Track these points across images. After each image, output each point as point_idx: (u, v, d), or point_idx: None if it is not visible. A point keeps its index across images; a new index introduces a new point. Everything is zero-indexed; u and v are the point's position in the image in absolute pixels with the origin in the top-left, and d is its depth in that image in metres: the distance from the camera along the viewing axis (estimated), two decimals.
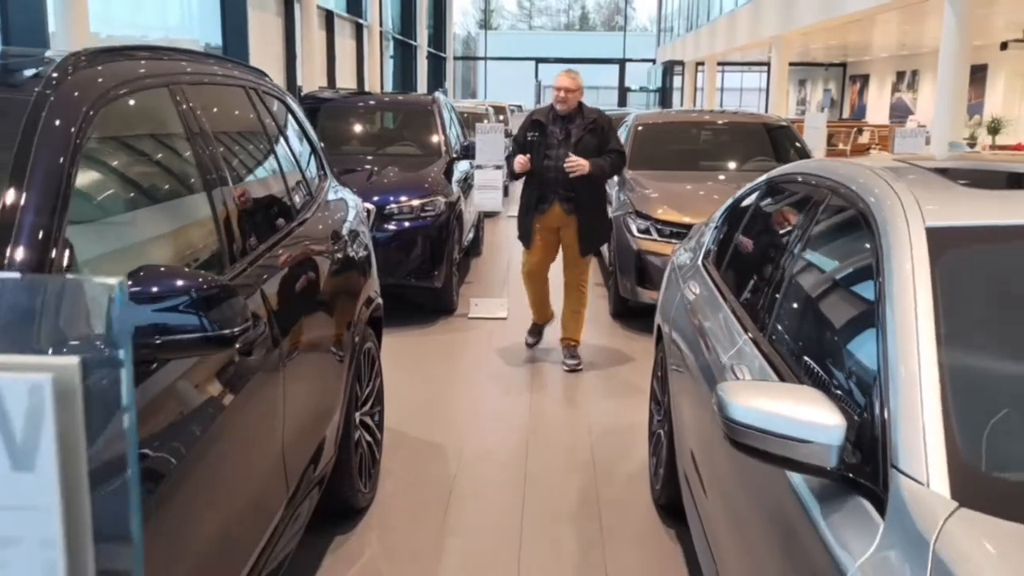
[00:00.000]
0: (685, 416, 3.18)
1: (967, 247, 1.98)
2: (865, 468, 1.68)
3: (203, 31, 13.57)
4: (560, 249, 5.81)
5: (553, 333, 6.02)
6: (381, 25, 23.03)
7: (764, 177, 3.38)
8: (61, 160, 1.87)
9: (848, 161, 2.80)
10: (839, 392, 1.94)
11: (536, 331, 6.14)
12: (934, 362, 1.71)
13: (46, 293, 0.66)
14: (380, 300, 4.06)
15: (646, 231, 6.72)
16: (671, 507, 3.67)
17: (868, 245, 2.10)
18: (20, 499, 0.62)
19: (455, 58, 40.73)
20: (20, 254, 1.70)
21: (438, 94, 9.35)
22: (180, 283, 1.82)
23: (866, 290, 2.03)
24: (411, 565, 3.41)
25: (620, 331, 6.89)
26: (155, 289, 1.80)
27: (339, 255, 3.49)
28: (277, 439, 2.59)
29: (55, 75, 2.04)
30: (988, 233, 2.03)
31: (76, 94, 2.04)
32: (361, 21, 21.38)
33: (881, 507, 1.59)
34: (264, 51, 14.21)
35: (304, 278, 3.03)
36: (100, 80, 2.16)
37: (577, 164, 5.38)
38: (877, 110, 27.88)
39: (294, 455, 2.78)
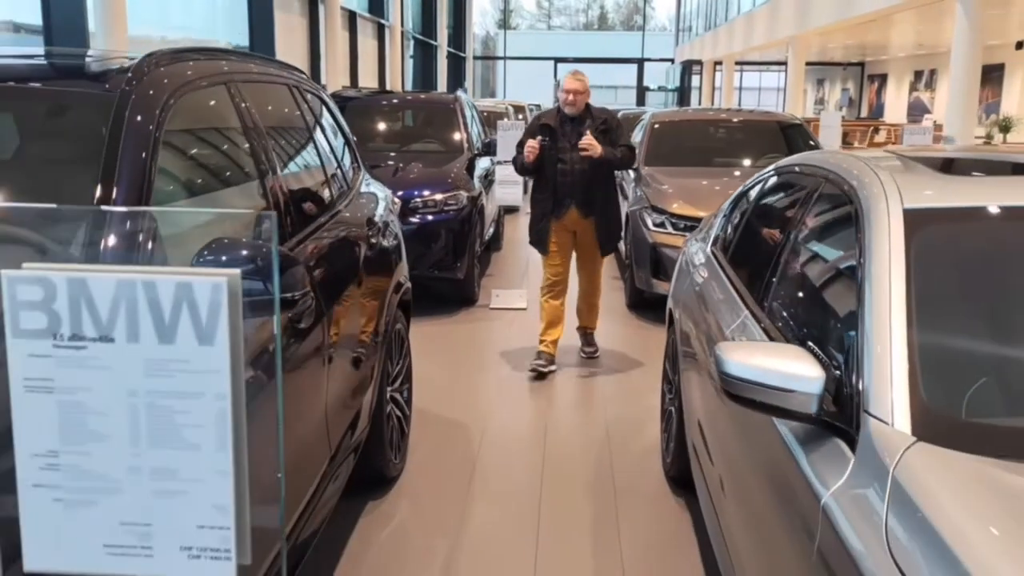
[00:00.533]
0: (693, 389, 3.44)
1: (939, 225, 2.23)
2: (841, 414, 1.94)
3: (229, 32, 13.92)
4: (574, 249, 5.78)
5: (569, 326, 6.27)
6: (402, 25, 23.35)
7: (767, 169, 3.63)
8: (143, 155, 2.15)
9: (841, 152, 3.05)
10: (824, 352, 2.20)
11: (543, 357, 5.68)
12: (903, 324, 1.97)
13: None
14: (409, 285, 4.35)
15: (661, 225, 6.97)
16: (681, 479, 3.92)
17: (853, 224, 2.35)
18: (203, 365, 0.89)
19: (474, 58, 41.04)
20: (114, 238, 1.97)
21: (460, 93, 9.63)
22: (245, 253, 2.09)
23: (850, 263, 2.28)
24: (438, 528, 3.68)
25: (635, 321, 7.15)
26: (224, 258, 2.07)
27: (373, 241, 3.77)
28: (321, 403, 2.87)
29: (132, 75, 2.32)
30: (959, 213, 2.28)
31: (152, 92, 2.32)
32: (383, 21, 21.70)
33: (853, 445, 1.84)
34: (289, 51, 14.54)
35: (343, 260, 3.31)
36: (167, 81, 2.44)
37: (591, 144, 5.31)
38: (895, 109, 27.94)
39: (335, 420, 3.06)
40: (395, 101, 9.81)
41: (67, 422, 0.91)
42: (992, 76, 20.72)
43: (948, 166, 2.77)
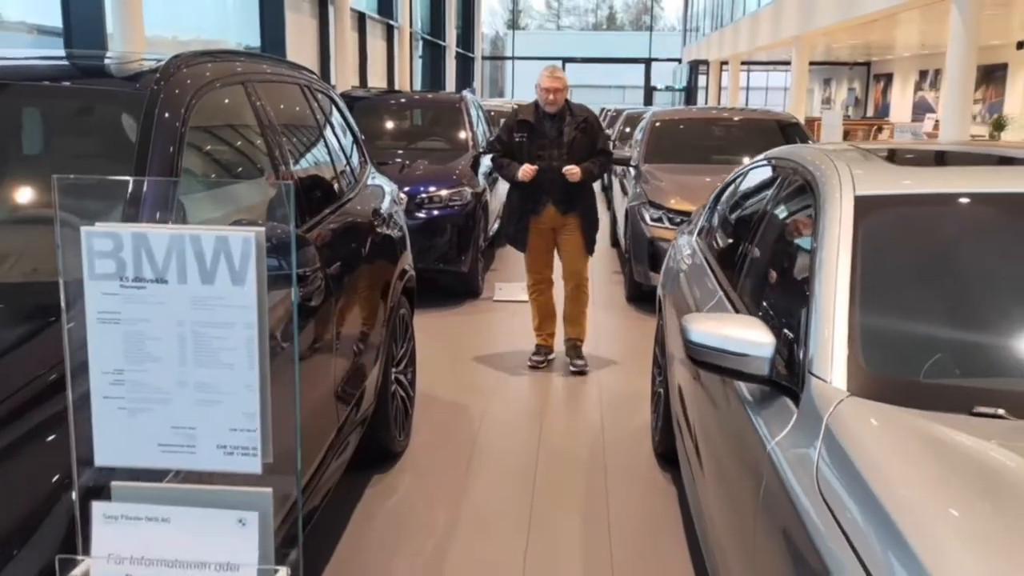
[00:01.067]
0: (678, 370, 3.68)
1: (886, 210, 2.48)
2: (791, 376, 2.18)
3: (241, 33, 14.20)
4: (556, 250, 5.73)
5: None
6: (411, 26, 23.62)
7: (746, 164, 3.87)
8: (171, 149, 2.40)
9: (808, 146, 3.30)
10: (782, 324, 2.44)
11: (541, 352, 5.85)
12: (847, 297, 2.21)
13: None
14: (413, 273, 4.60)
15: (659, 219, 7.21)
16: (668, 455, 4.16)
17: (811, 210, 2.60)
18: (236, 301, 1.15)
19: (483, 58, 41.34)
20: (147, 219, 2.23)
21: (466, 93, 9.90)
22: None
23: (808, 245, 2.53)
24: (439, 500, 3.94)
25: (633, 313, 7.39)
26: None
27: (379, 229, 4.02)
28: (330, 376, 3.12)
29: (160, 75, 2.58)
30: (904, 199, 2.53)
31: (177, 92, 2.57)
32: (392, 22, 21.97)
33: (798, 402, 2.09)
34: (300, 52, 14.81)
35: (350, 245, 3.57)
36: (190, 81, 2.69)
37: (574, 173, 5.33)
38: (900, 108, 28.08)
39: (343, 393, 3.31)
40: (403, 100, 10.09)
41: (130, 346, 1.17)
42: (995, 76, 20.89)
43: (903, 158, 3.01)
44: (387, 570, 3.37)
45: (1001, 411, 1.91)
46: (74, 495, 1.24)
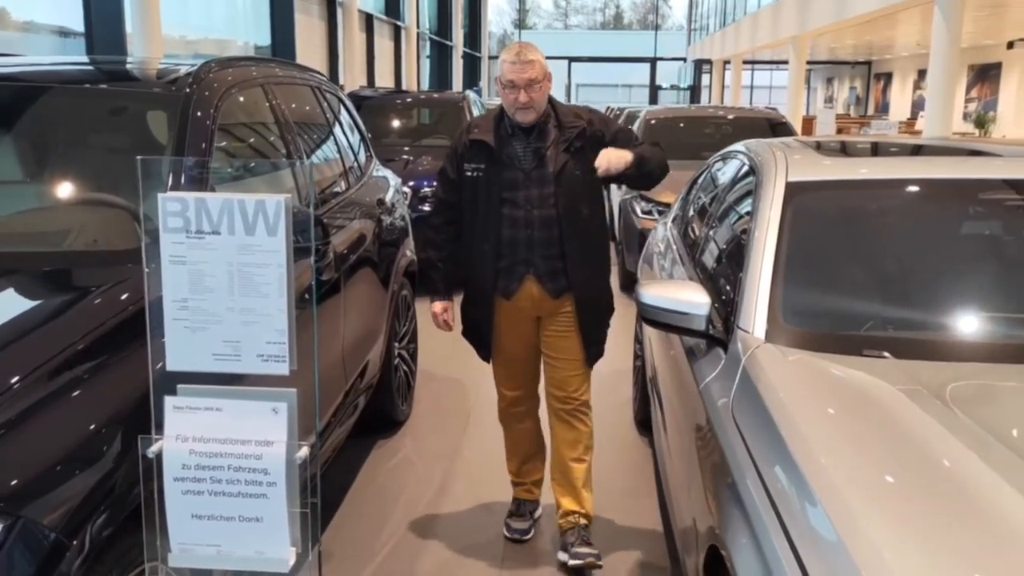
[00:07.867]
0: (649, 341, 4.11)
1: (810, 193, 2.90)
2: (724, 331, 2.61)
3: (253, 34, 14.68)
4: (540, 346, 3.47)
5: None
6: (418, 27, 24.08)
7: (713, 156, 4.31)
8: (204, 144, 2.83)
9: (761, 140, 3.72)
10: (724, 289, 2.86)
11: (524, 511, 3.74)
12: (770, 265, 2.64)
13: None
14: (415, 258, 5.04)
15: (649, 212, 7.64)
16: (645, 423, 4.59)
17: (753, 194, 3.02)
18: (270, 247, 1.58)
19: (490, 57, 41.76)
20: None
21: (469, 92, 10.35)
22: None
23: (747, 223, 2.95)
24: (437, 461, 4.37)
25: (624, 300, 7.78)
26: None
27: (383, 216, 4.46)
28: (339, 343, 3.55)
29: (193, 79, 3.01)
30: (826, 184, 2.96)
31: (207, 94, 3.00)
32: (399, 23, 22.44)
33: (726, 350, 2.52)
34: (309, 52, 15.28)
35: (358, 228, 4.00)
36: (217, 84, 3.12)
37: (608, 161, 2.98)
38: (900, 106, 28.46)
39: (350, 360, 3.74)
40: (408, 100, 10.54)
41: (193, 281, 1.60)
42: (990, 74, 21.25)
43: (840, 149, 3.44)
44: (387, 518, 3.80)
45: (886, 353, 2.33)
46: (151, 393, 1.67)
